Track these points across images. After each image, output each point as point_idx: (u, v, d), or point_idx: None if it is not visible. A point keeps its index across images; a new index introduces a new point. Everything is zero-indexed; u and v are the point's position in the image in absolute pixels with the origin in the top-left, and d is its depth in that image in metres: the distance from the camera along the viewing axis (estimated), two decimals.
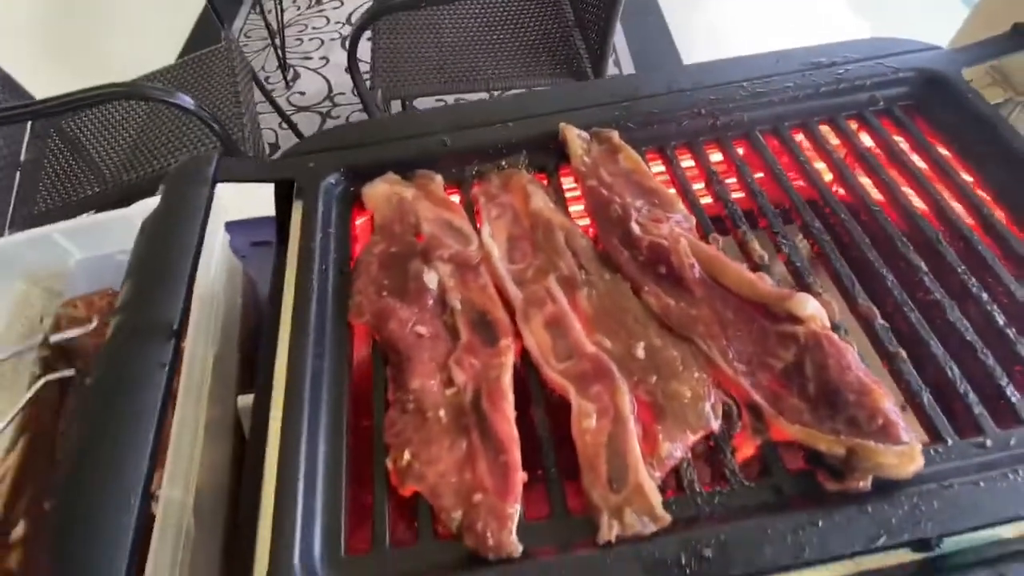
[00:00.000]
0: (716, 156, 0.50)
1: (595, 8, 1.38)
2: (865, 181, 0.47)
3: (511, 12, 1.58)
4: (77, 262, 0.62)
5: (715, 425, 0.34)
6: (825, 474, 0.32)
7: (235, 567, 0.34)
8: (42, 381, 0.54)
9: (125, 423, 0.33)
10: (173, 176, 0.44)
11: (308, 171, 0.48)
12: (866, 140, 0.50)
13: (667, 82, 0.52)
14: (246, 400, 0.49)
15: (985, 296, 0.39)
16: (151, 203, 0.50)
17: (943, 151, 0.48)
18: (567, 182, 0.49)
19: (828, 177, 0.48)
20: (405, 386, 0.36)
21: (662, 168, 0.49)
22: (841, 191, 0.48)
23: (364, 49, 1.55)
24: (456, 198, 0.48)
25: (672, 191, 0.44)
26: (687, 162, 0.50)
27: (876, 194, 0.46)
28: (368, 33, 1.51)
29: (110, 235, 0.62)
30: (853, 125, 0.50)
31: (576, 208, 0.47)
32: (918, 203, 0.45)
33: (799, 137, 0.50)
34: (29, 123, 1.43)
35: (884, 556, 0.30)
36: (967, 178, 0.46)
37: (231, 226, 0.64)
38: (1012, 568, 0.29)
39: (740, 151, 0.50)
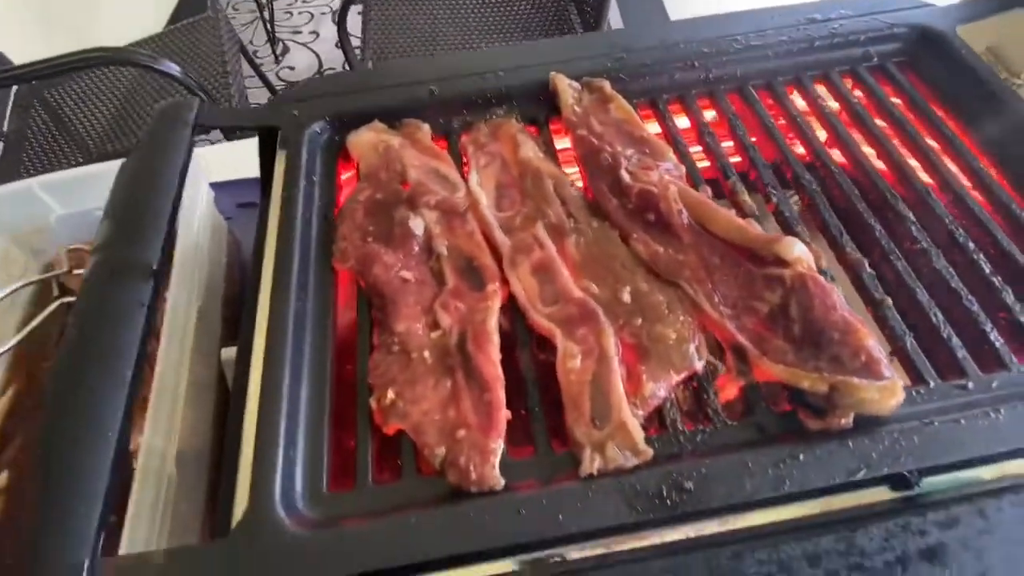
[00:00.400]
0: (709, 113, 0.50)
1: None
2: (857, 135, 0.47)
3: None
4: (58, 218, 0.61)
5: (699, 366, 0.34)
6: (807, 413, 0.32)
7: (218, 509, 0.34)
8: (56, 304, 0.54)
9: (103, 362, 0.33)
10: (154, 119, 0.43)
11: (292, 119, 0.47)
12: (858, 95, 0.49)
13: (660, 35, 0.52)
14: (230, 352, 0.48)
15: (972, 246, 0.39)
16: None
17: (934, 107, 0.48)
18: (557, 140, 0.48)
19: (819, 130, 0.47)
20: (390, 329, 0.36)
21: (654, 121, 0.49)
22: (832, 145, 0.47)
23: (356, 23, 1.52)
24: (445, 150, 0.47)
25: (662, 141, 0.44)
26: (680, 118, 0.49)
27: (867, 148, 0.46)
28: (360, 7, 1.48)
29: (91, 191, 0.61)
30: (846, 80, 0.50)
31: (570, 170, 0.47)
32: (909, 157, 0.45)
33: (791, 91, 0.49)
34: (12, 93, 1.39)
35: (865, 493, 0.31)
36: (958, 133, 0.46)
37: (217, 187, 0.63)
38: (991, 504, 0.30)
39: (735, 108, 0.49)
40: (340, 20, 1.36)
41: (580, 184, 0.44)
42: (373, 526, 0.29)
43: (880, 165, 0.45)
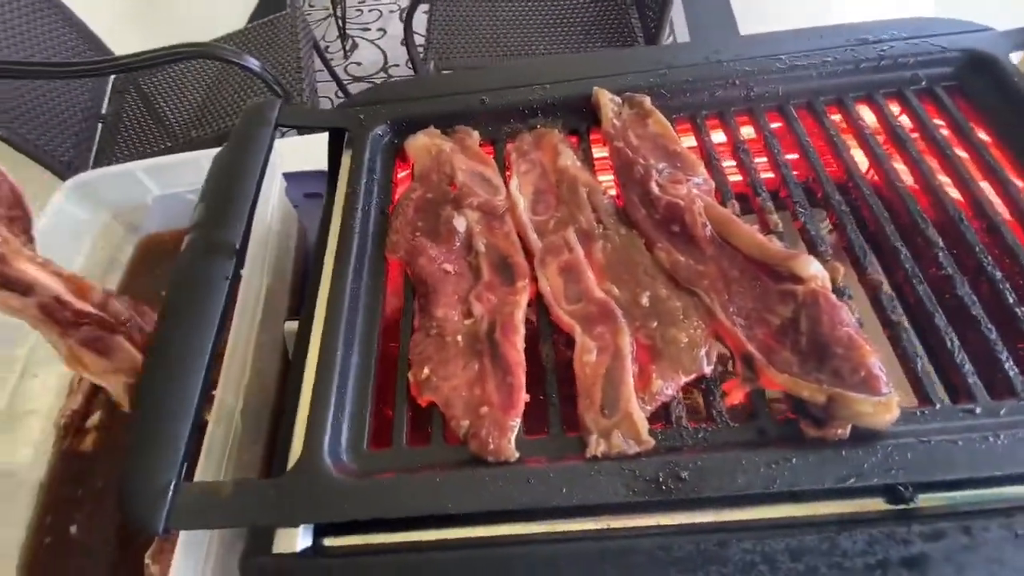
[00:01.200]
0: (748, 130, 0.52)
1: None
2: (894, 157, 0.47)
3: None
4: (155, 199, 0.70)
5: (707, 369, 0.36)
6: (808, 422, 0.34)
7: (276, 455, 0.40)
8: None
9: (192, 324, 0.39)
10: (242, 117, 0.49)
11: (358, 122, 0.52)
12: (901, 117, 0.50)
13: (705, 52, 0.53)
14: (292, 325, 0.54)
15: (999, 275, 0.39)
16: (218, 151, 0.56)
17: (982, 133, 0.47)
18: (596, 150, 0.51)
19: (857, 150, 0.48)
20: (430, 314, 0.41)
21: (692, 136, 0.51)
22: (869, 166, 0.48)
23: (422, 21, 1.59)
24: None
25: (695, 156, 0.46)
26: (717, 134, 0.51)
27: (903, 170, 0.46)
28: (426, 6, 1.55)
29: (183, 176, 0.69)
30: (892, 103, 0.50)
31: (607, 179, 0.50)
32: (946, 181, 0.45)
33: (833, 111, 0.50)
34: (111, 79, 1.55)
35: (860, 503, 0.32)
36: (1004, 161, 0.45)
37: (287, 177, 0.70)
38: (979, 523, 0.31)
39: (773, 126, 0.51)
40: (407, 21, 1.43)
41: (614, 193, 0.47)
42: (403, 480, 0.34)
43: (915, 187, 0.45)
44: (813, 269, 0.36)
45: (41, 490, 0.56)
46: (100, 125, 1.49)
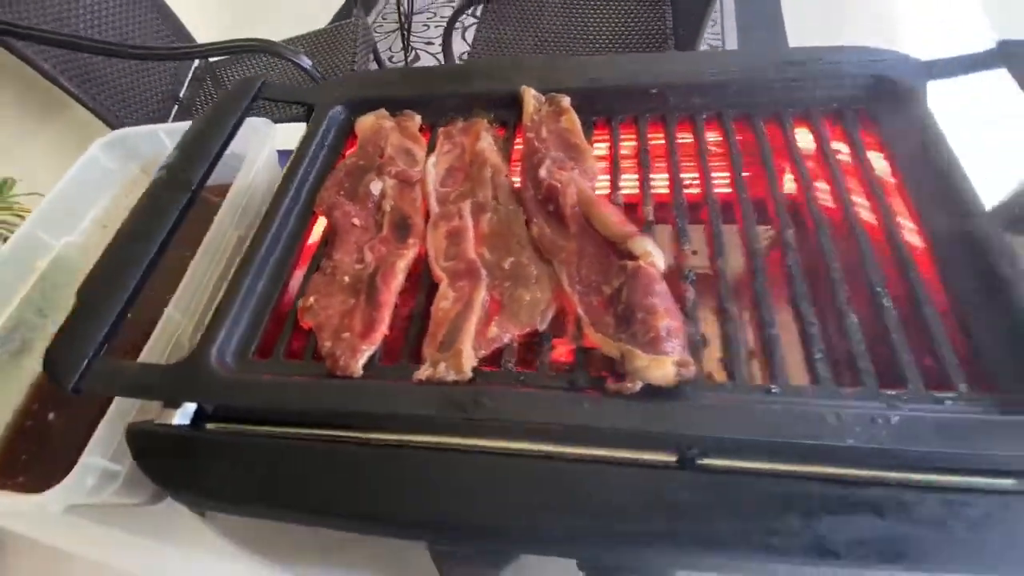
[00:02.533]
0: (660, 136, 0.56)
1: (688, 16, 1.41)
2: (784, 169, 0.50)
3: (615, 12, 1.62)
4: None
5: (541, 327, 0.41)
6: (613, 379, 0.38)
7: None
8: None
9: (136, 240, 0.48)
10: (231, 87, 0.59)
11: (324, 100, 0.61)
12: (805, 135, 0.52)
13: (639, 66, 0.58)
14: None
15: (836, 265, 0.41)
16: None
17: (881, 157, 0.49)
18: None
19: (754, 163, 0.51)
20: (331, 256, 0.48)
21: (607, 137, 0.56)
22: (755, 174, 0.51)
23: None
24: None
25: (589, 149, 0.51)
26: (630, 137, 0.56)
27: (789, 181, 0.49)
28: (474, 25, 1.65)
29: None
30: (798, 122, 0.53)
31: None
32: (824, 195, 0.48)
33: (740, 125, 0.54)
34: (192, 69, 1.76)
35: (649, 454, 0.36)
36: (891, 186, 0.47)
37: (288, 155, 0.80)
38: (743, 483, 0.34)
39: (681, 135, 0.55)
40: (445, 37, 1.54)
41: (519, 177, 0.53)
42: (262, 381, 0.40)
43: (795, 187, 0.48)
44: (647, 247, 0.40)
45: (34, 383, 0.67)
46: (176, 107, 1.69)
